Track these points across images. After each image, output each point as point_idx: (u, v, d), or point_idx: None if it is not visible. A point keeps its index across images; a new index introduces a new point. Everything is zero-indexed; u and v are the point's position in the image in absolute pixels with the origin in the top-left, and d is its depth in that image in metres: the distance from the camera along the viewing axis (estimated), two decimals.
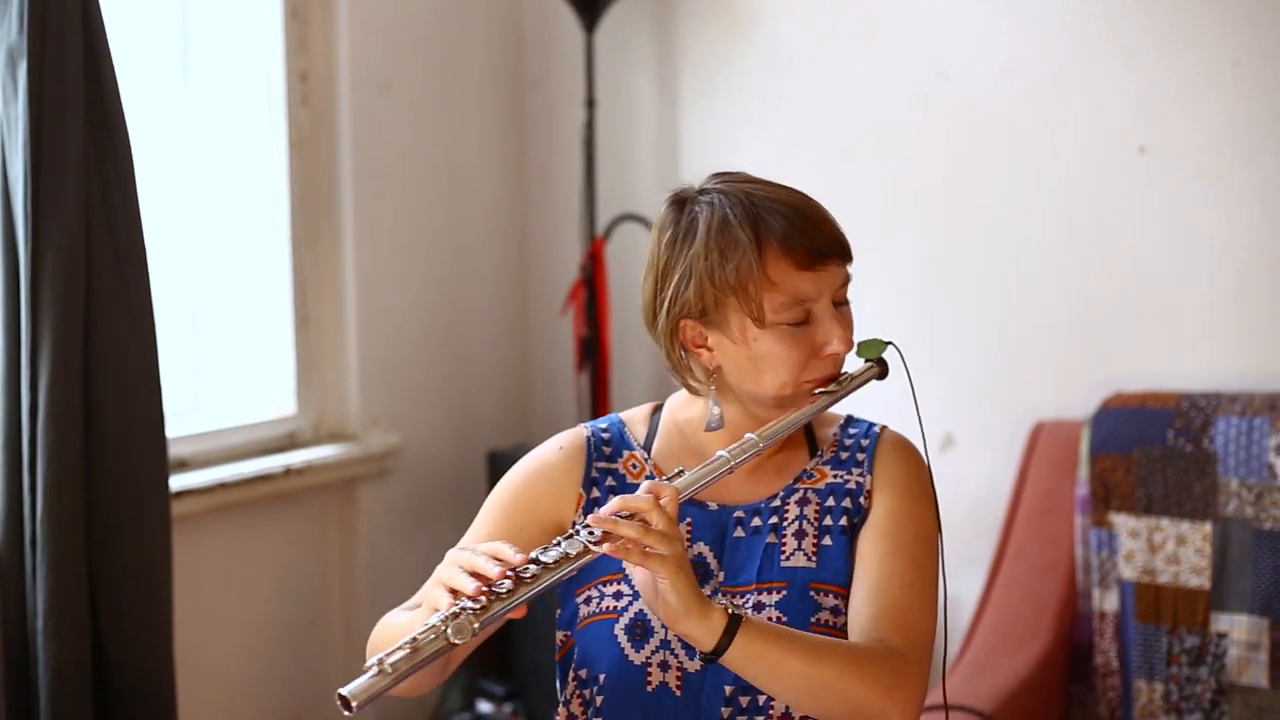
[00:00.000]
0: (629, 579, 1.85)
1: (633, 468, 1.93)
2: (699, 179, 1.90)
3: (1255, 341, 3.10)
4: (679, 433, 1.95)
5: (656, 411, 1.99)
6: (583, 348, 3.64)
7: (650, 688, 1.82)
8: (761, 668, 1.69)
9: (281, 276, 3.38)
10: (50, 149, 2.47)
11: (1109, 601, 3.00)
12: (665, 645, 1.81)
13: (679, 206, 1.87)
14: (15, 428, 2.51)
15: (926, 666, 1.79)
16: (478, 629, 1.59)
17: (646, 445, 1.95)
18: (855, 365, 1.89)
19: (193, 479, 3.05)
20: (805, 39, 3.55)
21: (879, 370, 1.89)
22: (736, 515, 1.89)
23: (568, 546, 1.66)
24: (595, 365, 3.64)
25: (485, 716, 3.59)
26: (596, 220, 3.69)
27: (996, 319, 3.36)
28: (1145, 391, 3.05)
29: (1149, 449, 2.96)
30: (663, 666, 1.82)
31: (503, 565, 1.63)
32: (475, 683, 3.62)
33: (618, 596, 1.85)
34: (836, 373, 1.85)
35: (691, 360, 1.89)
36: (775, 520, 1.87)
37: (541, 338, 3.99)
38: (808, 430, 1.94)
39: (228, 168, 3.32)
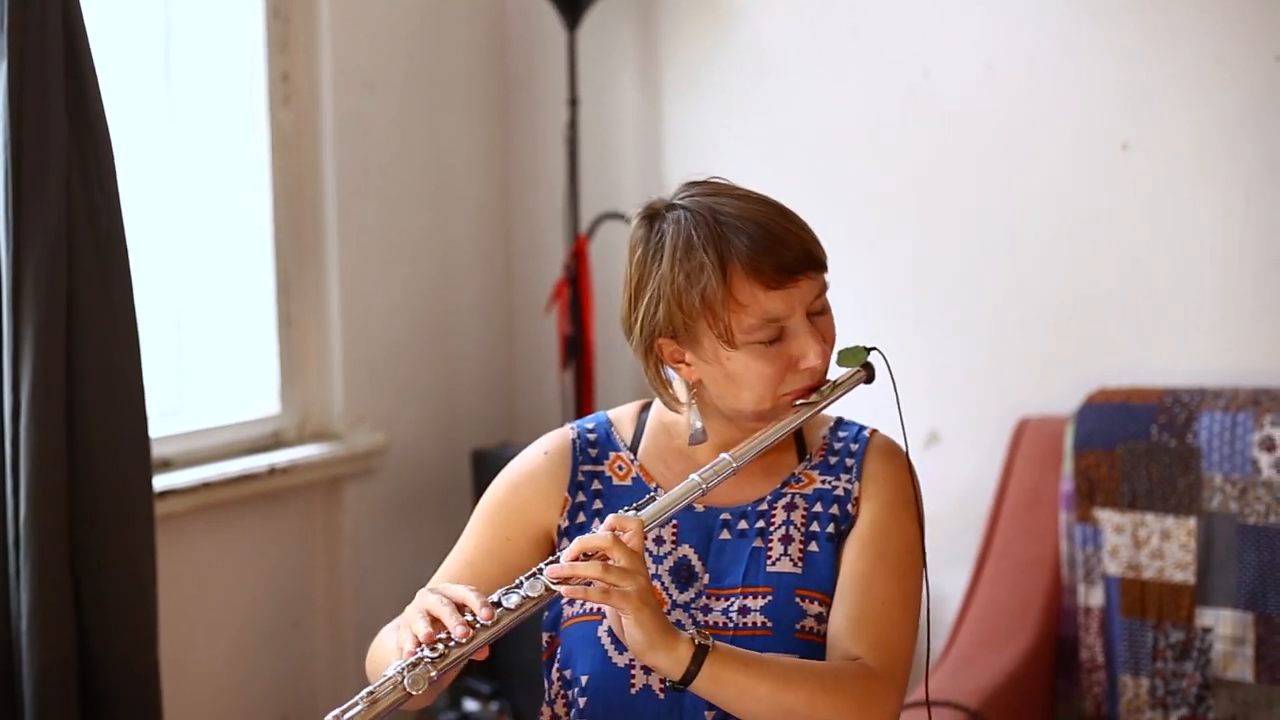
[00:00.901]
0: None
1: (619, 469, 1.93)
2: (672, 189, 1.86)
3: (1239, 337, 3.11)
4: (666, 433, 1.94)
5: (644, 410, 1.98)
6: (567, 346, 3.64)
7: (634, 690, 1.82)
8: (730, 694, 1.69)
9: (265, 276, 3.37)
10: (31, 148, 2.46)
11: (1094, 597, 3.00)
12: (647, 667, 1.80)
13: (649, 222, 1.84)
14: None
15: (903, 685, 1.78)
16: (434, 677, 1.60)
17: (633, 446, 1.94)
18: (837, 371, 1.88)
19: (177, 479, 3.04)
20: (788, 37, 3.55)
21: (864, 376, 1.87)
22: (723, 518, 1.88)
23: (529, 589, 1.67)
24: (580, 363, 3.64)
25: (472, 715, 3.59)
26: (580, 219, 3.69)
27: (980, 315, 3.37)
28: (1129, 387, 3.06)
29: (1133, 444, 2.97)
30: (646, 670, 1.81)
31: (465, 620, 1.63)
32: (462, 681, 3.61)
33: None
34: (816, 384, 1.83)
35: (671, 374, 1.88)
36: (761, 524, 1.87)
37: (526, 336, 3.99)
38: (797, 432, 1.92)
39: (210, 168, 3.31)
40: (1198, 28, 3.11)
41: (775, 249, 1.77)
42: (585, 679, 1.84)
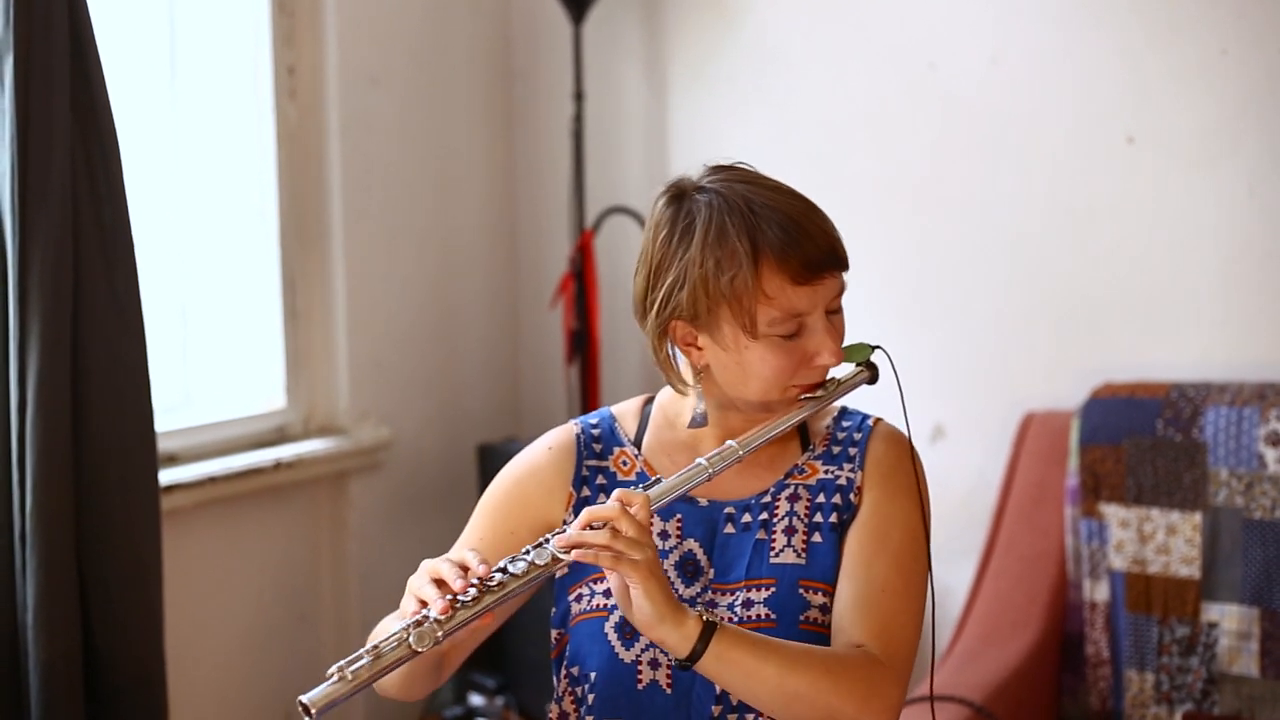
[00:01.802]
0: None
1: (623, 464, 1.92)
2: (695, 171, 1.85)
3: (1245, 331, 3.11)
4: (669, 426, 1.93)
5: (648, 404, 1.97)
6: (572, 340, 3.64)
7: (641, 685, 1.81)
8: (736, 675, 1.68)
9: (270, 270, 3.38)
10: (37, 143, 2.46)
11: (1099, 592, 3.00)
12: (655, 644, 1.79)
13: (676, 202, 1.82)
14: (4, 423, 2.50)
15: (906, 674, 1.77)
16: (440, 638, 1.60)
17: (637, 440, 1.94)
18: (842, 368, 1.88)
19: (182, 473, 3.04)
20: (793, 30, 3.55)
21: (869, 375, 1.88)
22: (727, 511, 1.88)
23: (536, 556, 1.66)
24: (585, 358, 3.64)
25: (477, 709, 3.59)
26: (585, 213, 3.69)
27: (986, 310, 3.37)
28: (1135, 382, 3.05)
29: (1139, 439, 2.96)
30: (653, 664, 1.81)
31: (466, 578, 1.63)
32: (467, 676, 3.62)
33: (608, 594, 1.84)
34: (823, 379, 1.83)
35: (679, 357, 1.87)
36: (765, 516, 1.86)
37: (531, 331, 3.99)
38: (801, 424, 1.91)
39: (216, 162, 3.31)
40: (1202, 21, 3.10)
41: (806, 244, 1.76)
42: (593, 675, 1.84)
